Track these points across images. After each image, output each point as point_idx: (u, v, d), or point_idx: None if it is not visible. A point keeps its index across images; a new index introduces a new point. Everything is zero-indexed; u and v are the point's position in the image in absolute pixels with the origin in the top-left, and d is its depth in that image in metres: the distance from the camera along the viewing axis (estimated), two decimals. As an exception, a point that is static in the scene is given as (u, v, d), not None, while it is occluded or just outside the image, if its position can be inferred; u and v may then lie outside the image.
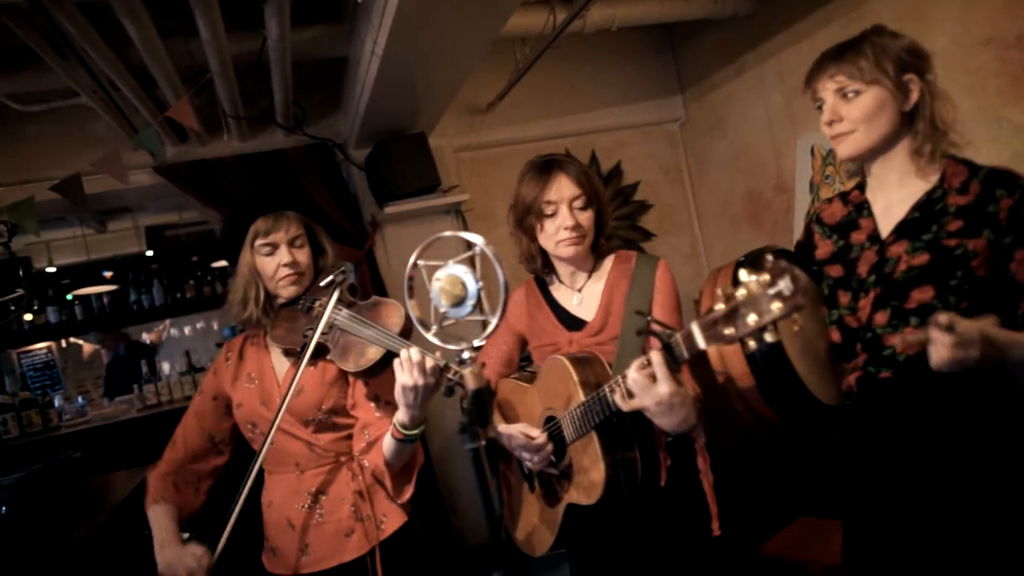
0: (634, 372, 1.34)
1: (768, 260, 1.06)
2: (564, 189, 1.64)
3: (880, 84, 1.36)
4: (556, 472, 1.65)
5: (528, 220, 1.70)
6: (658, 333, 1.29)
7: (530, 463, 1.66)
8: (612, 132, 4.23)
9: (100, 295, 5.65)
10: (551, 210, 1.65)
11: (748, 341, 1.09)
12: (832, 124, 1.41)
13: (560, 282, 1.79)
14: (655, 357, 1.31)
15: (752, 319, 1.06)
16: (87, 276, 5.74)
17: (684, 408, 1.35)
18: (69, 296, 5.69)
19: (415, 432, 1.49)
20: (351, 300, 1.63)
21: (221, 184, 3.36)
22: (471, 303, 1.10)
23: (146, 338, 6.14)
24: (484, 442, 1.07)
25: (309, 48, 2.84)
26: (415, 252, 1.14)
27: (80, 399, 5.25)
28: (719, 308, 1.12)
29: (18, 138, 3.26)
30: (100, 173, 2.33)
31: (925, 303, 1.33)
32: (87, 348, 6.48)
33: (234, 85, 2.79)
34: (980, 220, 1.31)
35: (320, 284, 1.67)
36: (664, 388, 1.31)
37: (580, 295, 1.75)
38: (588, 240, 1.68)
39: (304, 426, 1.65)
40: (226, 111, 3.05)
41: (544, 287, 1.82)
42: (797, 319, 1.04)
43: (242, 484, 1.55)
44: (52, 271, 5.67)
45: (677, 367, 1.30)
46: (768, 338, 1.05)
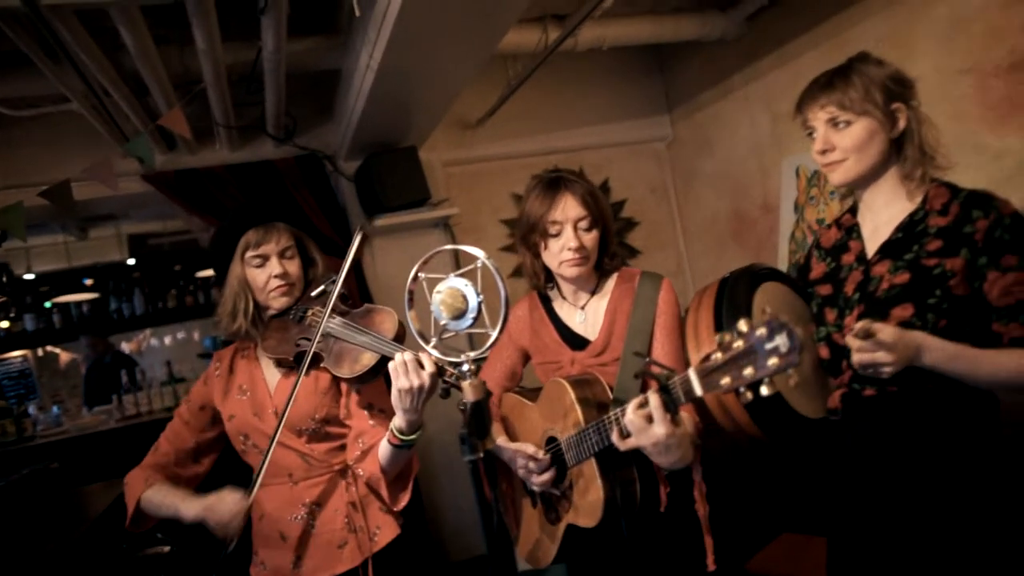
0: (631, 413, 1.34)
1: (766, 312, 1.09)
2: (570, 210, 1.63)
3: (870, 115, 1.40)
4: (557, 492, 1.65)
5: (532, 237, 1.69)
6: (657, 376, 1.30)
7: (533, 484, 1.66)
8: (600, 149, 4.27)
9: (80, 303, 5.58)
10: (556, 230, 1.64)
11: (744, 391, 1.11)
12: (825, 153, 1.45)
13: (563, 298, 1.78)
14: (652, 399, 1.31)
15: (748, 372, 1.08)
16: (67, 283, 5.66)
17: (680, 449, 1.35)
18: (47, 304, 5.61)
19: (412, 437, 1.49)
20: (344, 308, 1.63)
21: (210, 193, 3.34)
22: (471, 316, 1.11)
23: (126, 347, 6.05)
24: (482, 454, 1.08)
25: (302, 59, 2.85)
26: (416, 264, 1.15)
27: (55, 408, 5.15)
28: (717, 357, 1.14)
29: (5, 143, 3.23)
30: (90, 179, 2.30)
31: (905, 320, 1.37)
32: (64, 357, 6.37)
33: (227, 95, 2.79)
34: (958, 240, 1.35)
35: (311, 294, 1.67)
36: (660, 430, 1.30)
37: (583, 313, 1.74)
38: (591, 261, 1.67)
39: (297, 436, 1.64)
40: (217, 120, 3.04)
41: (547, 303, 1.81)
42: (793, 374, 1.06)
43: (249, 489, 1.55)
44: (31, 278, 5.59)
45: (674, 409, 1.31)
46: (764, 391, 1.08)
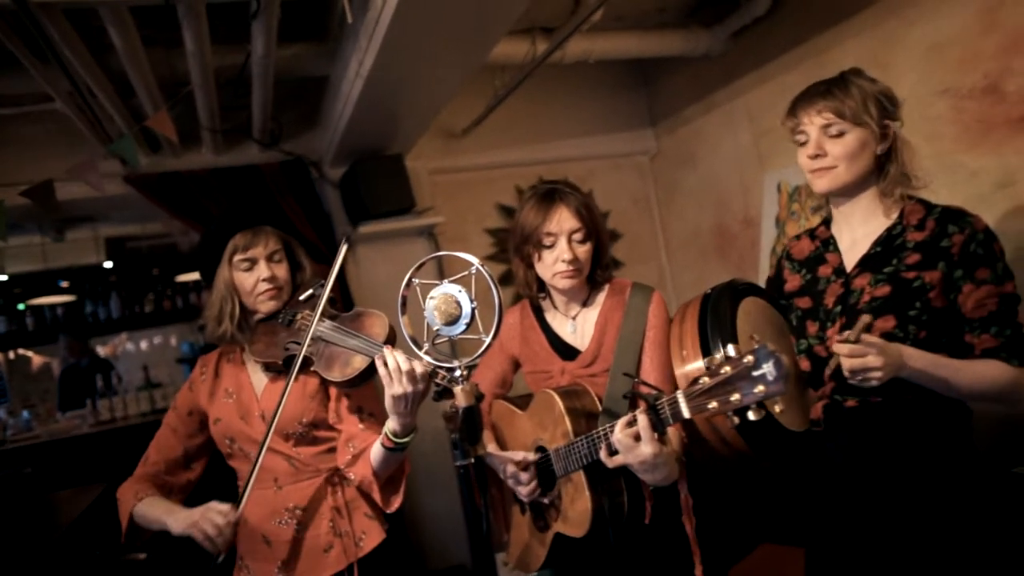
0: (619, 432, 1.37)
1: (754, 341, 1.12)
2: (564, 222, 1.63)
3: (864, 126, 1.43)
4: (545, 502, 1.66)
5: (526, 248, 1.70)
6: (645, 396, 1.32)
7: (523, 497, 1.67)
8: (585, 161, 4.31)
9: (54, 305, 5.48)
10: (550, 241, 1.65)
11: (732, 416, 1.14)
12: (816, 158, 1.47)
13: (554, 308, 1.80)
14: (641, 420, 1.33)
15: (735, 398, 1.11)
16: (41, 285, 5.56)
17: (667, 467, 1.38)
18: (21, 306, 5.51)
19: (406, 440, 1.49)
20: (333, 312, 1.63)
21: (193, 196, 3.32)
22: (465, 322, 1.12)
23: (101, 351, 5.95)
24: (473, 459, 1.09)
25: (291, 65, 2.85)
26: (411, 270, 1.15)
27: (25, 413, 5.05)
28: (705, 381, 1.17)
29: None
30: (74, 180, 2.28)
31: (887, 332, 1.40)
32: (36, 360, 6.25)
33: (213, 98, 2.78)
34: (935, 254, 1.40)
35: (299, 298, 1.67)
36: (647, 449, 1.33)
37: (574, 323, 1.75)
38: (585, 273, 1.69)
39: (285, 440, 1.64)
40: (203, 123, 3.03)
41: (538, 312, 1.82)
42: (779, 400, 1.09)
43: (238, 501, 1.54)
44: (3, 279, 5.49)
45: (662, 429, 1.33)
46: (751, 416, 1.10)
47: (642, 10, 3.43)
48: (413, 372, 1.36)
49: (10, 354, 6.23)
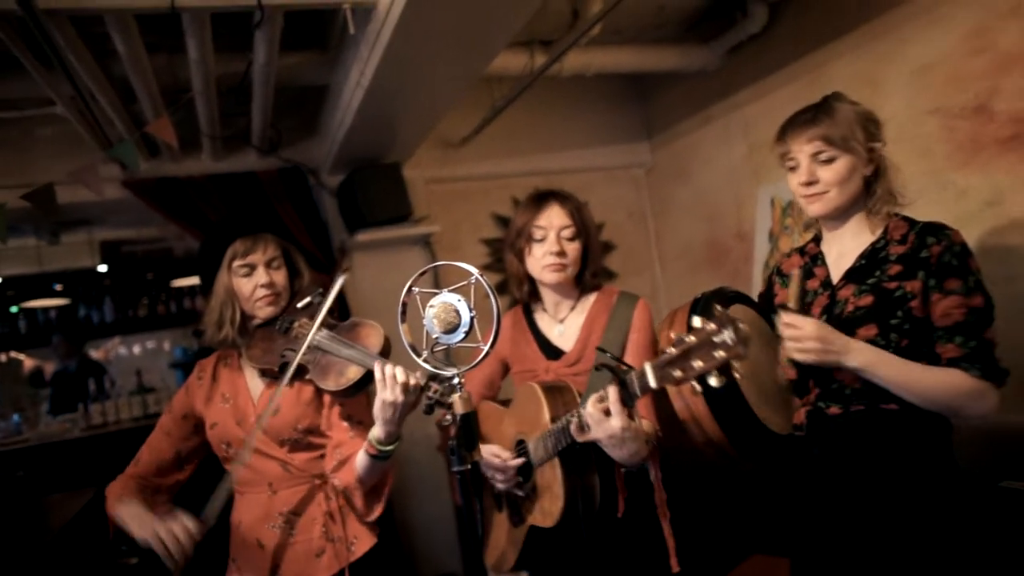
0: (590, 406, 1.42)
1: (717, 309, 1.16)
2: (555, 217, 1.73)
3: (853, 152, 1.48)
4: (521, 494, 1.69)
5: (519, 243, 1.78)
6: (614, 369, 1.36)
7: (498, 483, 1.71)
8: (580, 173, 4.34)
9: (47, 309, 5.47)
10: (540, 235, 1.74)
11: (695, 384, 1.18)
12: (809, 185, 1.51)
13: (544, 311, 1.86)
14: (611, 392, 1.38)
15: (698, 364, 1.15)
16: (35, 288, 5.55)
17: (635, 443, 1.42)
18: (13, 308, 5.49)
19: (390, 448, 1.51)
20: (331, 321, 1.65)
21: (191, 202, 3.33)
22: (464, 330, 1.14)
23: (94, 355, 5.93)
24: (470, 465, 1.11)
25: (291, 73, 2.87)
26: (412, 278, 1.18)
27: (16, 416, 5.03)
28: (670, 351, 1.21)
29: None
30: (74, 183, 2.29)
31: (869, 339, 1.44)
32: (27, 364, 6.22)
33: (214, 104, 2.80)
34: (915, 264, 1.44)
35: (297, 305, 1.69)
36: (616, 422, 1.38)
37: (562, 326, 1.82)
38: (572, 270, 1.75)
39: (279, 446, 1.65)
40: (203, 130, 3.05)
41: (529, 314, 1.89)
42: (738, 368, 1.13)
43: (204, 513, 1.53)
44: (-3, 282, 5.48)
45: (631, 403, 1.37)
46: (712, 382, 1.15)
47: (640, 25, 3.48)
48: (406, 383, 1.39)
49: (2, 357, 6.21)
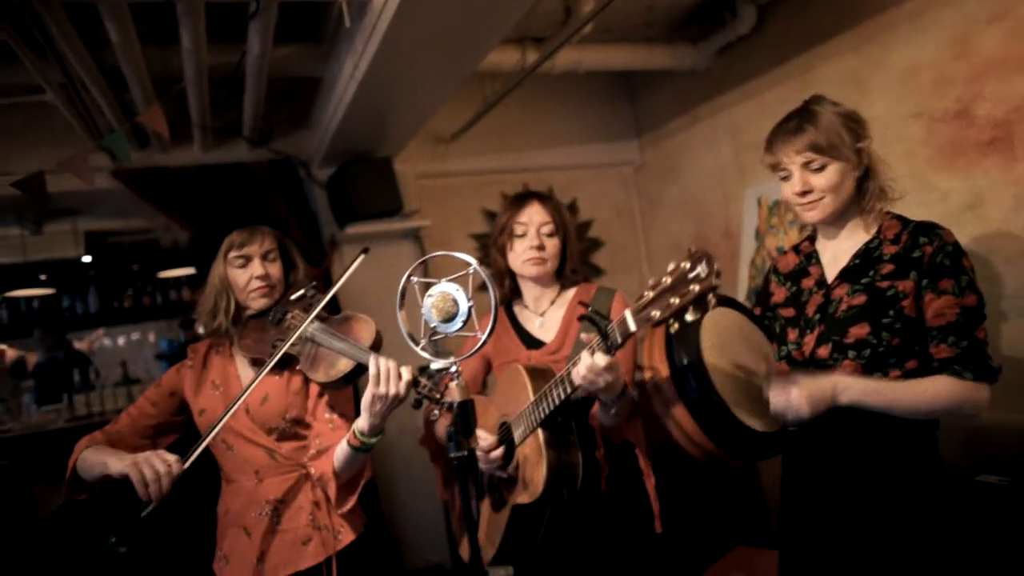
0: (584, 355, 1.46)
1: (689, 250, 1.19)
2: (535, 214, 1.85)
3: (842, 157, 1.49)
4: (504, 475, 1.73)
5: (502, 239, 1.88)
6: (595, 320, 1.41)
7: (483, 465, 1.74)
8: (570, 170, 4.37)
9: (31, 299, 5.42)
10: (521, 231, 1.85)
11: (672, 322, 1.21)
12: (804, 194, 1.53)
13: (525, 307, 1.94)
14: (594, 340, 1.43)
15: (674, 301, 1.18)
16: (17, 278, 5.49)
17: (613, 372, 1.46)
18: (-4, 298, 5.44)
19: (372, 441, 1.53)
20: (323, 314, 1.67)
21: (180, 193, 3.32)
22: (461, 320, 1.16)
23: (78, 346, 5.88)
24: (467, 452, 1.13)
25: (284, 65, 2.87)
26: (411, 267, 1.20)
27: (-3, 406, 4.99)
28: (647, 295, 1.25)
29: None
30: (64, 172, 2.29)
31: (861, 338, 1.47)
32: (9, 354, 6.15)
33: (206, 95, 2.80)
34: (908, 264, 1.47)
35: (291, 297, 1.71)
36: (600, 360, 1.42)
37: (542, 319, 1.89)
38: (551, 264, 1.85)
39: (267, 434, 1.67)
40: (194, 120, 3.04)
41: (510, 311, 1.96)
42: (711, 299, 1.17)
43: (186, 456, 1.48)
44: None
45: (612, 351, 1.41)
46: (688, 317, 1.18)
47: (630, 24, 3.51)
48: (398, 378, 1.42)
49: (-18, 347, 6.13)
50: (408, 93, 2.73)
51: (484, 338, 1.14)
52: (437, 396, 1.41)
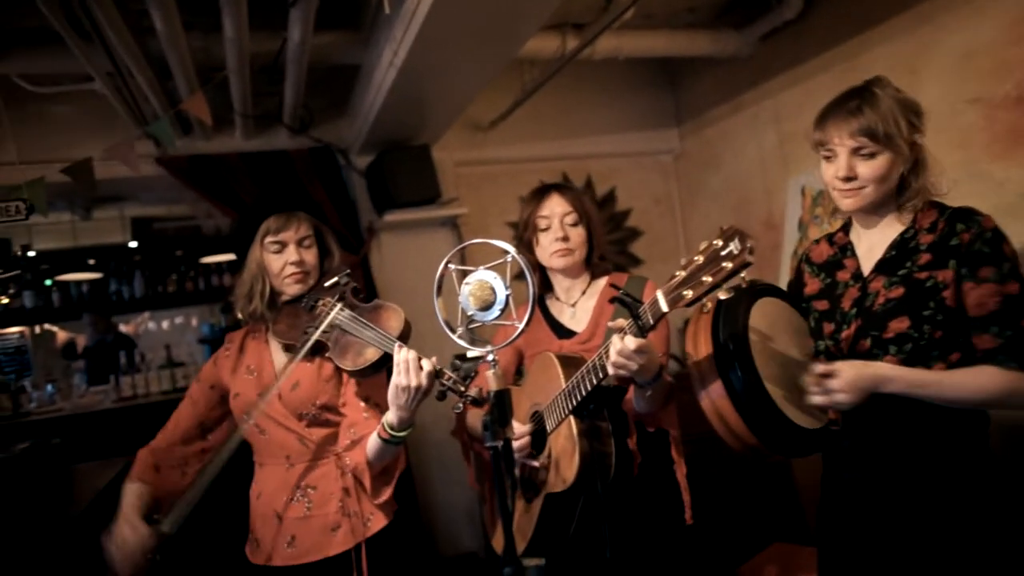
0: (615, 339, 1.45)
1: (721, 228, 1.15)
2: (556, 206, 1.84)
3: (895, 148, 1.41)
4: (536, 464, 1.72)
5: (526, 235, 1.87)
6: (627, 302, 1.39)
7: (514, 454, 1.72)
8: (608, 159, 4.32)
9: (80, 283, 5.58)
10: (545, 224, 1.84)
11: (706, 302, 1.18)
12: (848, 180, 1.45)
13: (556, 298, 1.93)
14: (626, 324, 1.42)
15: (707, 279, 1.15)
16: (67, 263, 5.67)
17: (647, 355, 1.44)
18: (48, 282, 5.61)
19: (402, 434, 1.54)
20: (353, 302, 1.68)
21: (222, 179, 3.37)
22: (499, 308, 1.15)
23: (124, 329, 6.05)
24: (502, 442, 1.12)
25: (324, 53, 2.89)
26: (448, 255, 1.19)
27: (49, 387, 5.15)
28: (679, 275, 1.22)
29: (21, 119, 3.25)
30: (111, 160, 2.34)
31: (902, 332, 1.41)
32: (61, 336, 6.36)
33: (247, 83, 2.83)
34: (946, 253, 1.40)
35: (324, 284, 1.72)
36: (631, 344, 1.40)
37: (574, 310, 1.88)
38: (579, 254, 1.84)
39: (298, 419, 1.69)
40: (236, 108, 3.08)
41: (542, 303, 1.95)
42: (744, 276, 1.14)
43: (222, 452, 1.59)
44: (32, 255, 5.59)
45: (644, 333, 1.40)
46: (721, 296, 1.16)
47: (672, 10, 3.44)
48: (420, 369, 1.44)
49: (36, 328, 6.35)
50: (446, 81, 2.72)
51: (522, 327, 1.12)
52: (461, 389, 1.41)
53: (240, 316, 1.79)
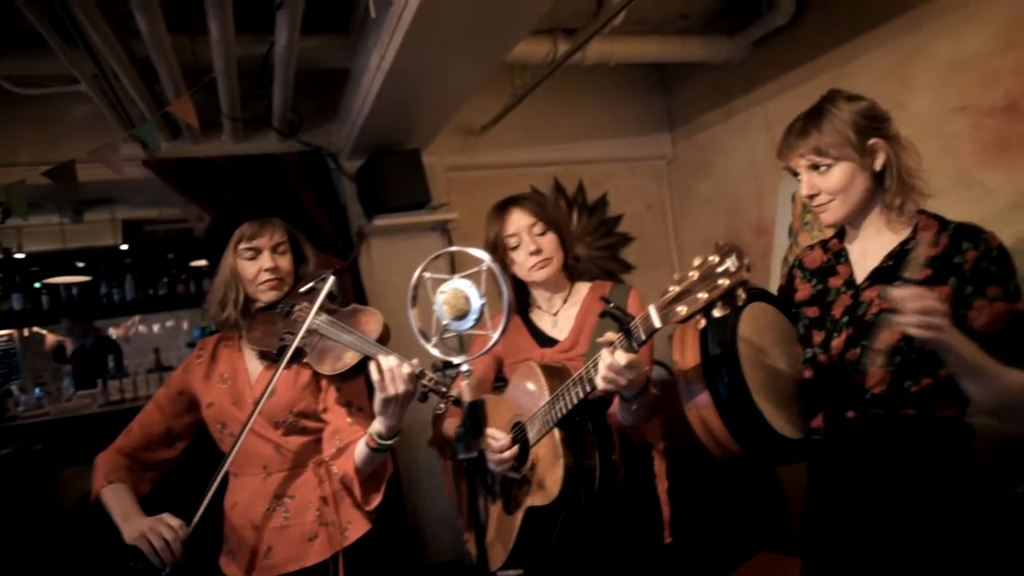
0: (604, 351, 1.43)
1: (717, 244, 1.14)
2: (520, 220, 1.80)
3: (846, 158, 1.44)
4: (518, 476, 1.70)
5: (498, 256, 1.82)
6: (619, 316, 1.37)
7: (495, 466, 1.70)
8: (600, 164, 4.31)
9: (69, 286, 5.55)
10: (514, 242, 1.80)
11: (699, 318, 1.17)
12: (812, 197, 1.50)
13: (538, 307, 1.91)
14: (616, 338, 1.39)
15: (702, 296, 1.13)
16: (58, 265, 5.63)
17: (635, 370, 1.42)
18: (37, 284, 5.58)
19: (390, 442, 1.52)
20: (331, 306, 1.66)
21: (211, 183, 3.35)
22: (474, 317, 1.14)
23: (113, 333, 6.02)
24: (476, 453, 1.11)
25: (312, 57, 2.87)
26: (423, 263, 1.17)
27: (37, 390, 5.12)
28: (673, 289, 1.20)
29: (5, 121, 3.22)
30: (94, 162, 2.32)
31: (893, 344, 1.40)
32: (50, 339, 6.33)
33: (235, 86, 2.81)
34: (947, 269, 1.40)
35: (300, 290, 1.70)
36: (621, 359, 1.38)
37: (555, 319, 1.86)
38: (556, 262, 1.81)
39: (274, 428, 1.67)
40: (224, 111, 3.06)
41: (523, 310, 1.93)
42: (741, 294, 1.11)
43: (210, 482, 1.55)
44: (21, 257, 5.56)
45: (635, 348, 1.38)
46: (716, 313, 1.13)
47: (664, 15, 3.44)
48: (402, 375, 1.41)
49: (24, 331, 6.32)
50: (435, 85, 2.70)
51: (496, 337, 1.11)
52: (443, 390, 1.40)
53: (213, 323, 1.77)
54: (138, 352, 5.89)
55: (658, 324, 1.26)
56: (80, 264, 5.76)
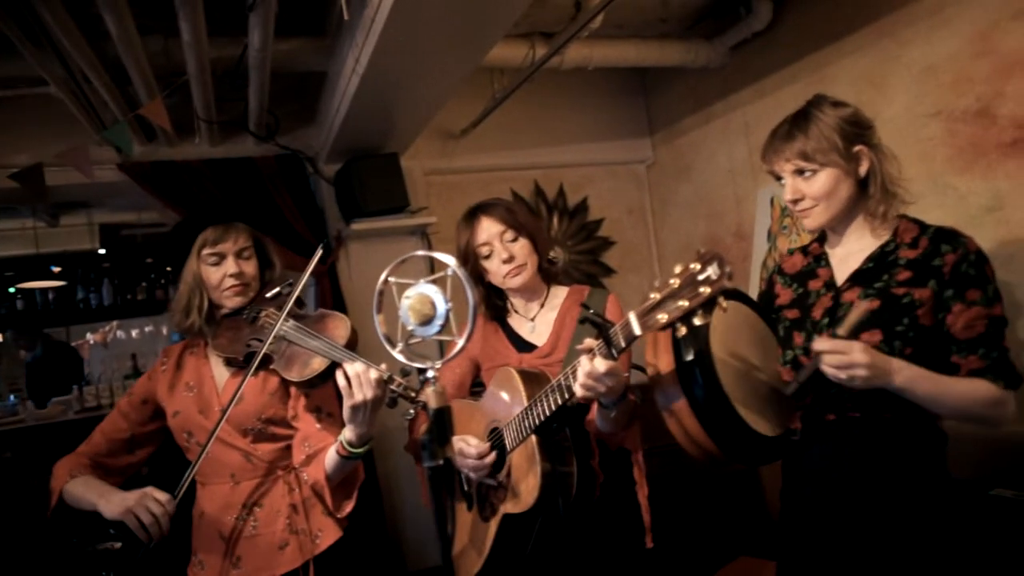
0: (583, 358, 1.40)
1: (699, 251, 1.13)
2: (490, 228, 1.76)
3: (832, 164, 1.44)
4: (494, 483, 1.68)
5: (470, 266, 1.80)
6: (597, 323, 1.36)
7: (472, 472, 1.69)
8: (581, 168, 4.31)
9: (45, 290, 5.46)
10: (486, 251, 1.77)
11: (679, 326, 1.15)
12: (796, 202, 1.50)
13: (515, 312, 1.88)
14: (596, 345, 1.38)
15: (683, 304, 1.12)
16: (33, 270, 5.54)
17: (615, 377, 1.40)
18: (11, 289, 5.49)
19: (361, 450, 1.50)
20: (298, 312, 1.64)
21: (186, 187, 3.31)
22: (439, 323, 1.12)
23: (91, 338, 5.93)
24: (442, 461, 1.09)
25: (288, 59, 2.85)
26: (387, 268, 1.15)
27: (12, 397, 5.03)
28: (654, 297, 1.18)
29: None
30: (64, 165, 2.28)
31: (874, 345, 1.40)
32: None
33: (210, 89, 2.78)
34: (927, 272, 1.41)
35: (266, 296, 1.68)
36: (600, 366, 1.36)
37: (533, 324, 1.84)
38: (531, 266, 1.78)
39: (242, 436, 1.64)
40: (199, 114, 3.02)
41: (500, 315, 1.90)
42: (722, 303, 1.11)
43: (176, 490, 1.52)
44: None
45: (615, 355, 1.36)
46: (696, 321, 1.12)
47: (643, 20, 3.44)
48: (370, 381, 1.39)
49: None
50: (411, 88, 2.69)
51: (461, 343, 1.09)
52: (412, 395, 1.38)
53: (177, 330, 1.75)
54: (117, 357, 5.81)
55: (638, 332, 1.24)
56: (56, 269, 5.67)
